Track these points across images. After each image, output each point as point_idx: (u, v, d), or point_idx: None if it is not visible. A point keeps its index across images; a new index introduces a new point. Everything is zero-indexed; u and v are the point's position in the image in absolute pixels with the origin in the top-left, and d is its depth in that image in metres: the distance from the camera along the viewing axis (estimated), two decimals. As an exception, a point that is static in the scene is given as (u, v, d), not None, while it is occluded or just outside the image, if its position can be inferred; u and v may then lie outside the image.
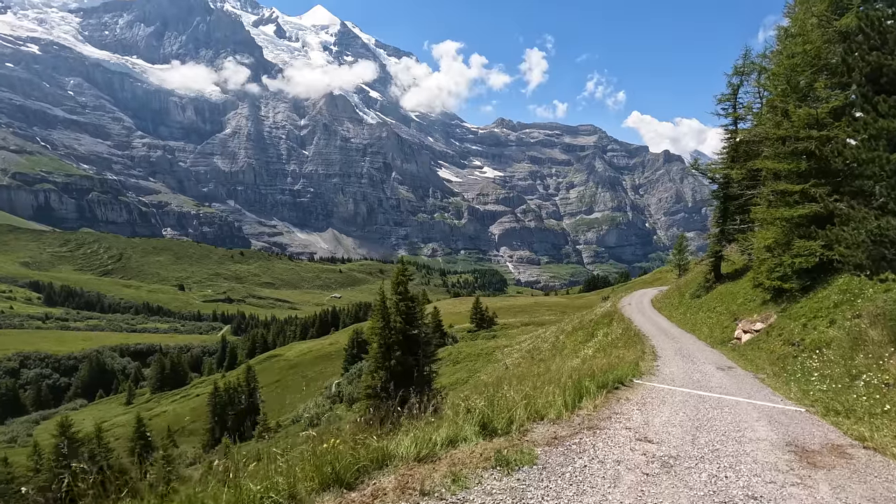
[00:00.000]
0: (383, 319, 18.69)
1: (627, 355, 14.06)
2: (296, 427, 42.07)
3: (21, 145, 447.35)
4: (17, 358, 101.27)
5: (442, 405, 22.16)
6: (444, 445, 4.42)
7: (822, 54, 16.31)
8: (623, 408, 6.90)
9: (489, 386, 7.28)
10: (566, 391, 6.62)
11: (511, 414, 5.30)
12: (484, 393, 5.93)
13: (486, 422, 4.97)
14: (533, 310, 75.26)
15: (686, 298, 29.28)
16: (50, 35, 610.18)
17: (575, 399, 6.59)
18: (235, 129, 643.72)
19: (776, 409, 7.59)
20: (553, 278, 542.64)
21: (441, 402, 22.53)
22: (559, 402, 6.16)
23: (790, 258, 16.12)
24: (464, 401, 5.42)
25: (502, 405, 5.41)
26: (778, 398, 8.49)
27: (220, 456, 8.79)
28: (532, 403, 5.83)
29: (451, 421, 4.97)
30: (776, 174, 18.40)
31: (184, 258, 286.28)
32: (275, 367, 72.24)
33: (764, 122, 18.74)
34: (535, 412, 5.72)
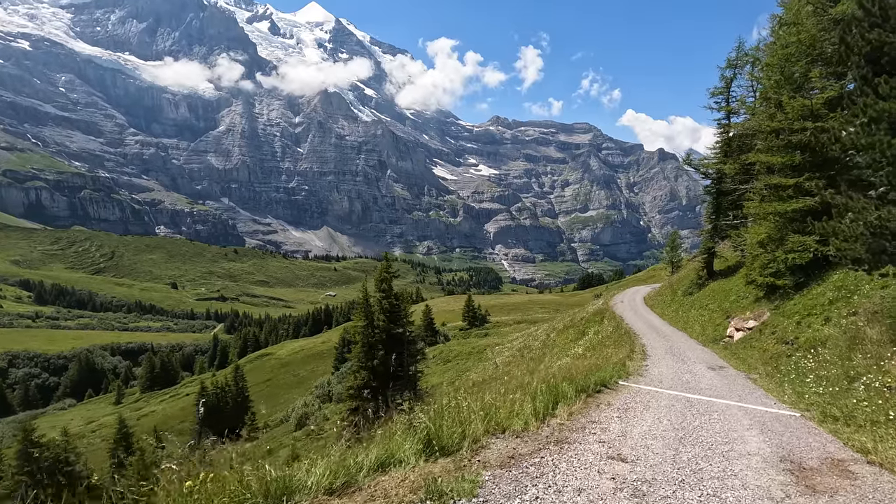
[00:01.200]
0: (366, 318, 18.10)
1: (616, 354, 13.54)
2: (284, 427, 41.45)
3: (11, 142, 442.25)
4: (5, 357, 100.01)
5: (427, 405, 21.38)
6: (371, 471, 3.73)
7: (817, 43, 15.83)
8: (602, 415, 6.32)
9: (457, 391, 6.64)
10: (537, 397, 5.99)
11: (465, 428, 4.63)
12: (433, 404, 5.30)
13: (431, 438, 4.28)
14: (526, 308, 74.84)
15: (678, 296, 28.85)
16: (41, 31, 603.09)
17: (548, 406, 5.98)
18: (229, 126, 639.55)
19: (769, 414, 7.03)
20: (548, 276, 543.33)
21: (426, 402, 21.92)
22: (528, 411, 5.53)
23: (784, 254, 15.66)
24: (409, 412, 4.75)
25: (454, 417, 4.74)
26: (771, 401, 7.95)
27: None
28: (493, 414, 5.17)
29: (387, 438, 4.30)
30: (769, 168, 17.95)
31: (177, 256, 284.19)
32: (266, 366, 71.49)
33: (757, 115, 18.27)
34: (497, 424, 5.06)
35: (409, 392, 18.73)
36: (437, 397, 22.96)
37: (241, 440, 41.67)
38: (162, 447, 43.73)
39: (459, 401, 5.22)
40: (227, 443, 26.32)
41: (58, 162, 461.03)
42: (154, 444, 20.87)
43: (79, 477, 15.57)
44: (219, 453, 26.20)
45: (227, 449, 4.99)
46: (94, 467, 31.14)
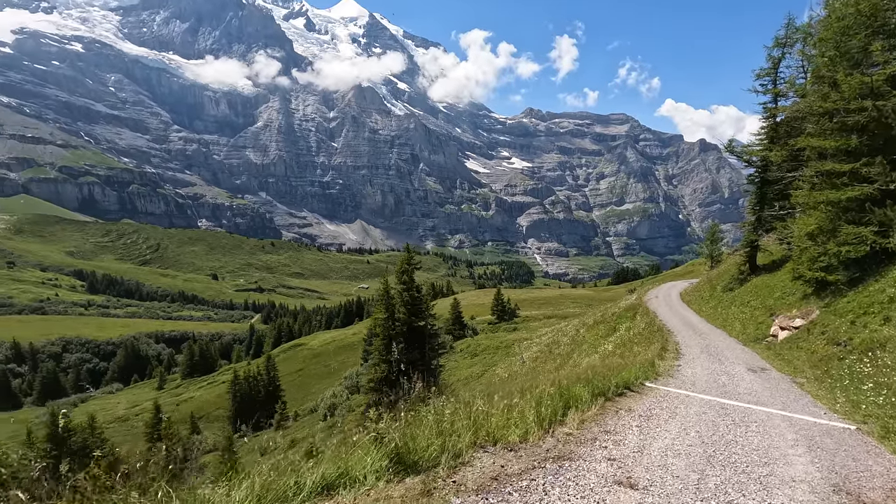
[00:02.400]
0: (387, 310, 17.77)
1: (646, 353, 12.67)
2: (313, 417, 42.06)
3: (66, 140, 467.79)
4: (60, 342, 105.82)
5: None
6: (312, 494, 3.14)
7: (878, 13, 14.29)
8: (619, 423, 5.56)
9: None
10: (543, 402, 5.25)
11: (445, 440, 3.95)
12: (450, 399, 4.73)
13: (401, 452, 3.64)
14: (557, 302, 73.36)
15: (717, 291, 27.31)
16: (92, 33, 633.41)
17: (556, 412, 5.28)
18: (267, 122, 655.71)
19: (818, 426, 6.11)
20: (582, 270, 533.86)
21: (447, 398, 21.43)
22: (530, 418, 4.82)
23: (836, 246, 14.32)
24: (374, 421, 3.99)
25: (433, 427, 4.06)
26: (820, 410, 7.00)
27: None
28: (483, 422, 4.47)
29: (345, 451, 3.68)
30: (821, 153, 16.49)
31: (217, 248, 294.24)
32: (298, 356, 72.92)
33: (809, 96, 16.79)
34: (489, 434, 4.35)
35: (431, 386, 18.33)
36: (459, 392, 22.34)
37: (272, 429, 42.59)
38: (198, 433, 45.24)
39: (440, 406, 4.62)
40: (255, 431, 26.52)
41: (108, 158, 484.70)
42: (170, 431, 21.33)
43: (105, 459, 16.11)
44: (250, 440, 26.46)
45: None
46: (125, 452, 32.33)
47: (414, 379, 17.38)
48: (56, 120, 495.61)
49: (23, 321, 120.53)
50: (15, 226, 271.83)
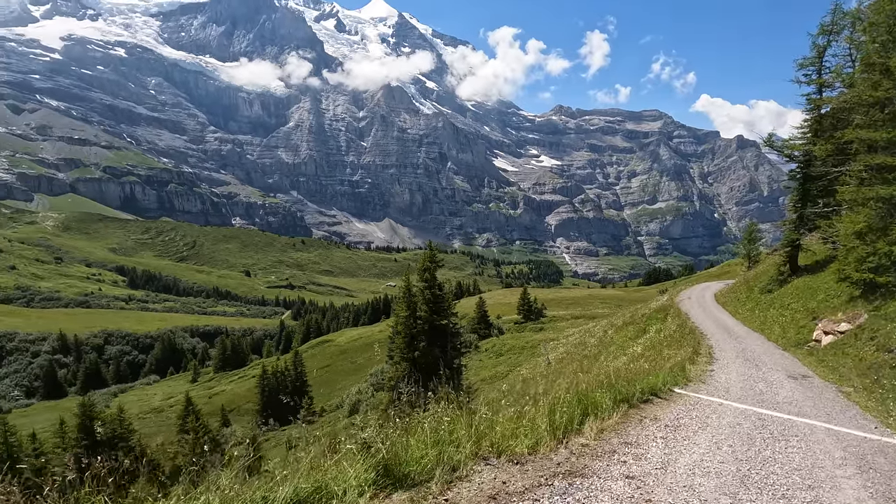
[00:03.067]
0: (408, 308, 17.59)
1: (676, 356, 12.04)
2: (338, 413, 42.46)
3: (110, 141, 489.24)
4: (102, 335, 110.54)
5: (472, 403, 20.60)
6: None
7: (938, -7, 13.21)
8: (642, 434, 5.06)
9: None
10: (557, 409, 4.78)
11: (442, 450, 3.56)
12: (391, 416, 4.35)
13: (389, 465, 3.33)
14: (586, 302, 71.96)
15: (755, 293, 26.06)
16: (134, 38, 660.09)
17: (572, 420, 4.83)
18: (298, 122, 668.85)
19: (870, 442, 5.45)
20: (612, 270, 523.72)
21: (471, 399, 21.10)
22: (542, 426, 4.40)
23: (887, 246, 13.34)
24: (360, 429, 3.69)
25: (428, 436, 3.67)
26: (871, 424, 6.33)
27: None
28: (487, 431, 4.05)
29: (325, 462, 3.37)
30: (871, 146, 15.42)
31: (250, 246, 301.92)
32: (326, 353, 73.89)
33: (857, 85, 15.70)
34: (493, 444, 3.95)
35: (453, 386, 18.09)
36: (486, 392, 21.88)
37: (298, 423, 43.29)
38: (227, 426, 46.36)
39: (440, 412, 4.22)
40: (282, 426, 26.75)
41: (148, 158, 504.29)
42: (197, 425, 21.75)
43: (132, 452, 16.61)
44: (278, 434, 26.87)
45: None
46: (157, 442, 33.31)
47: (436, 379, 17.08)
48: (101, 122, 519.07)
49: (69, 314, 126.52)
50: (63, 223, 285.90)
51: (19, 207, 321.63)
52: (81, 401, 17.32)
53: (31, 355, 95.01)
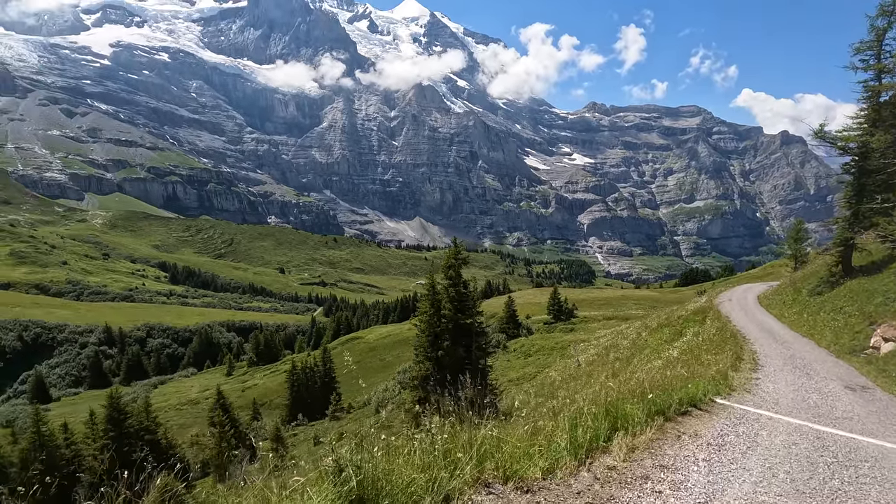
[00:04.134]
0: (432, 306, 17.17)
1: (716, 362, 11.15)
2: (365, 410, 42.58)
3: (154, 143, 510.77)
4: (144, 329, 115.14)
5: (499, 403, 19.86)
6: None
7: None
8: (680, 454, 4.34)
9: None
10: (580, 424, 4.08)
11: (433, 475, 2.96)
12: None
13: (366, 495, 2.78)
14: (619, 303, 69.96)
15: (803, 295, 24.41)
16: (177, 44, 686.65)
17: (597, 436, 4.14)
18: (331, 122, 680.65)
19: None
20: (646, 271, 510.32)
21: (497, 399, 20.43)
22: (561, 444, 3.73)
23: (961, 245, 12.01)
24: (332, 451, 3.04)
25: (418, 458, 3.11)
26: (952, 447, 5.43)
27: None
28: (492, 451, 3.37)
29: (282, 489, 2.91)
30: (941, 134, 13.98)
31: (284, 244, 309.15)
32: (355, 349, 74.47)
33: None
34: (499, 467, 3.26)
35: (478, 386, 17.59)
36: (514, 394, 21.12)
37: (326, 419, 43.59)
38: (258, 419, 47.26)
39: (436, 427, 3.53)
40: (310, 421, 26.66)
41: (189, 159, 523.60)
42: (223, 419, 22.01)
43: (158, 445, 16.94)
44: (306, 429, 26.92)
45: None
46: (192, 433, 34.12)
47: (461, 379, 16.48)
48: (145, 124, 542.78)
49: (114, 307, 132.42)
50: (110, 221, 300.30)
51: (71, 206, 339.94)
52: (109, 392, 17.83)
53: (80, 346, 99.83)
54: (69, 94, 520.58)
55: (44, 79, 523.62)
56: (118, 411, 16.63)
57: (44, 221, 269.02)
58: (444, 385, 18.40)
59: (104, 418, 16.80)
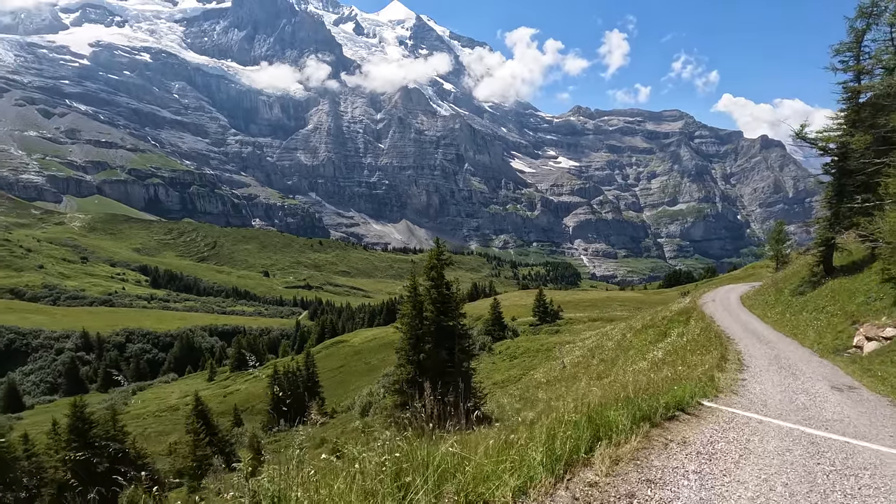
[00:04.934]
0: (414, 308, 16.75)
1: (702, 363, 10.93)
2: (349, 414, 41.88)
3: (135, 144, 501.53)
4: (124, 333, 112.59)
5: (482, 407, 19.42)
6: None
7: None
8: (668, 465, 3.95)
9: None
10: (560, 432, 3.65)
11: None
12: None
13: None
14: (603, 304, 70.25)
15: (785, 295, 24.54)
16: (159, 44, 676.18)
17: (577, 447, 3.72)
18: (317, 124, 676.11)
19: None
20: (631, 273, 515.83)
21: (481, 402, 19.99)
22: (536, 458, 3.27)
23: (942, 243, 12.01)
24: (245, 477, 2.81)
25: (356, 483, 2.61)
26: (948, 449, 5.18)
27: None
28: (454, 472, 2.92)
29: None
30: (921, 133, 14.05)
31: (269, 247, 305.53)
32: (340, 353, 73.63)
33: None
34: (460, 491, 2.79)
35: (461, 389, 17.22)
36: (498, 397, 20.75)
37: (308, 425, 42.82)
38: (240, 425, 46.18)
39: (388, 445, 3.12)
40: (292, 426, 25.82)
41: (172, 161, 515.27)
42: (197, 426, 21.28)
43: (126, 456, 16.14)
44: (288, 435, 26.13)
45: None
46: (171, 440, 33.12)
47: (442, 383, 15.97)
48: (126, 126, 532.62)
49: (92, 312, 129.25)
50: (89, 224, 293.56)
51: (49, 209, 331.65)
52: (73, 401, 16.96)
53: (56, 352, 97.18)
54: (47, 95, 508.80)
55: (20, 78, 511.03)
56: (82, 421, 15.83)
57: (19, 224, 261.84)
58: (425, 389, 18.04)
59: (67, 428, 15.96)
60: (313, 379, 46.90)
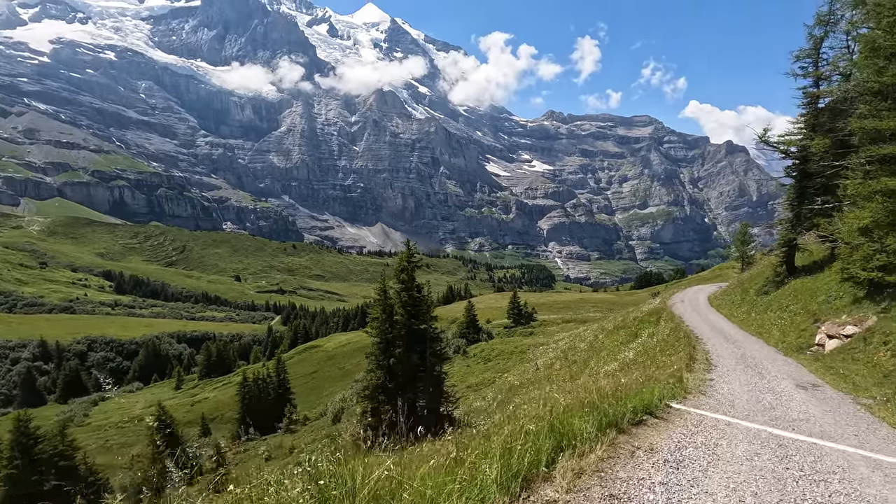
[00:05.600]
0: (384, 312, 16.36)
1: (671, 363, 10.93)
2: (322, 421, 40.98)
3: (99, 145, 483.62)
4: (85, 341, 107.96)
5: (455, 411, 19.03)
6: None
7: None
8: (634, 477, 3.72)
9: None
10: (518, 445, 3.31)
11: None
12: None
13: None
14: (577, 306, 71.05)
15: (750, 295, 25.12)
16: (125, 42, 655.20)
17: (537, 461, 3.40)
18: (290, 126, 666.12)
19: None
20: (604, 275, 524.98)
21: (453, 407, 19.65)
22: (490, 476, 2.92)
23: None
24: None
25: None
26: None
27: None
28: (392, 496, 2.57)
29: None
30: (876, 136, 14.49)
31: (241, 251, 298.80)
32: (313, 358, 72.31)
33: (862, 70, 14.79)
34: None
35: (433, 394, 16.91)
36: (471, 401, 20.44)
37: (280, 432, 41.64)
38: (208, 435, 44.64)
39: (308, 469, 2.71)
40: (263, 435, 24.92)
41: (138, 163, 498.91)
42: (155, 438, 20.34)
43: (76, 472, 15.18)
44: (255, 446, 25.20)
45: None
46: (134, 453, 31.67)
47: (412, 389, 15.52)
48: (90, 126, 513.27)
49: (51, 320, 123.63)
50: (49, 228, 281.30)
51: (5, 212, 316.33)
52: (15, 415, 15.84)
53: (11, 362, 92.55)
54: (3, 93, 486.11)
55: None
56: (26, 436, 14.77)
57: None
58: (396, 395, 17.60)
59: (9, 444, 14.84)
60: (284, 385, 45.80)
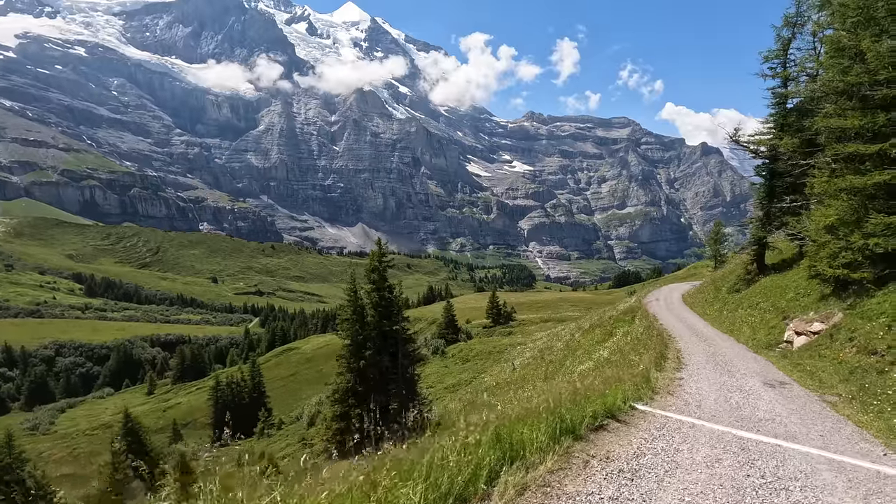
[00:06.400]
0: (354, 313, 15.95)
1: (643, 361, 10.82)
2: (299, 424, 40.20)
3: (69, 143, 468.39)
4: (53, 346, 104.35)
5: (428, 413, 18.69)
6: None
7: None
8: (580, 493, 3.36)
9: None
10: (447, 465, 2.86)
11: None
12: None
13: None
14: (556, 305, 71.44)
15: (722, 293, 25.44)
16: (96, 38, 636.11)
17: (475, 477, 3.01)
18: (269, 125, 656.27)
19: (887, 478, 4.13)
20: (583, 274, 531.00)
21: (426, 409, 19.30)
22: (415, 497, 2.51)
23: (862, 239, 12.50)
24: None
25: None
26: (876, 448, 5.10)
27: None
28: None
29: None
30: (841, 136, 14.70)
31: (217, 252, 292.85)
32: (291, 361, 71.11)
33: (828, 70, 14.99)
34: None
35: (405, 397, 16.54)
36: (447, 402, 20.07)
37: (254, 437, 40.70)
38: (179, 440, 43.38)
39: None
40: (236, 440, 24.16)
41: (110, 162, 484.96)
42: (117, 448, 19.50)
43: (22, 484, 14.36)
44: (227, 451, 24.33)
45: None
46: (102, 461, 30.51)
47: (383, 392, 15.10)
48: (58, 124, 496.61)
49: (16, 324, 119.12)
50: (15, 229, 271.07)
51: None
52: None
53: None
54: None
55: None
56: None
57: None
58: (366, 398, 17.18)
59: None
60: (259, 389, 44.83)
